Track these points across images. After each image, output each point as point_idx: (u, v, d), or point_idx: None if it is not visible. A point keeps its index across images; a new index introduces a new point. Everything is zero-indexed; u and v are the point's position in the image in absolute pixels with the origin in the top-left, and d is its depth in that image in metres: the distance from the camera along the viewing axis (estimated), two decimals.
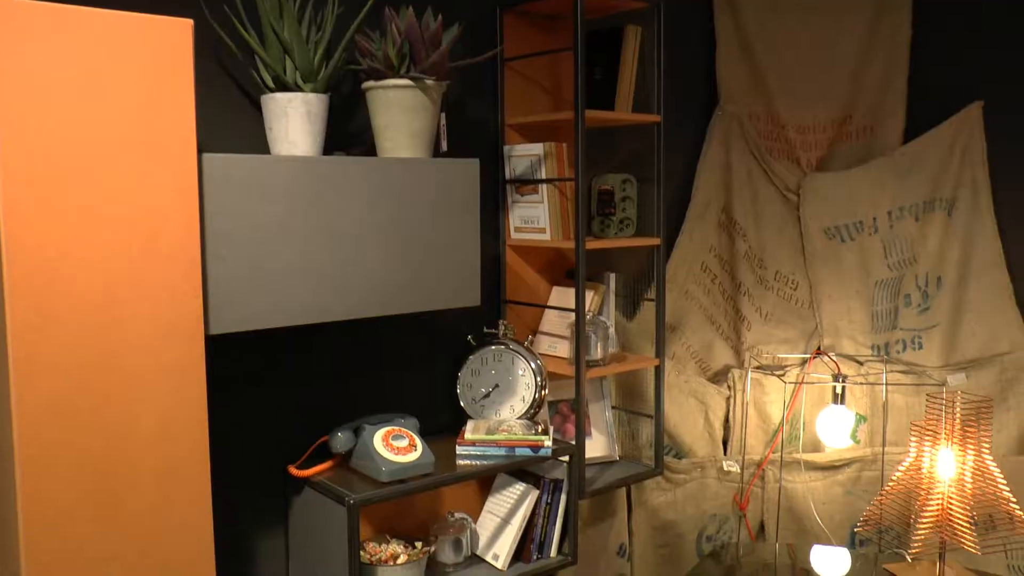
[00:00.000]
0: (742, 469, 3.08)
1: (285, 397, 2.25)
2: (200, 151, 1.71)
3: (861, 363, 3.12)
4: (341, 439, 2.22)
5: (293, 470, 2.21)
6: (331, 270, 1.95)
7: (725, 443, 3.16)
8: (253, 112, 2.09)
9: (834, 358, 3.06)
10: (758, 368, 3.11)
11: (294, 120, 1.96)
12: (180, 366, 1.69)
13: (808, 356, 3.12)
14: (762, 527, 3.13)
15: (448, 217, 2.12)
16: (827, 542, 2.80)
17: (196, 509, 1.73)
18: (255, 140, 2.07)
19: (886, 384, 3.03)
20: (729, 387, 3.13)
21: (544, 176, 2.48)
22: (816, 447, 3.10)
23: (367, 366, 2.39)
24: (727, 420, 3.15)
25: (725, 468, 3.09)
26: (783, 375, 3.05)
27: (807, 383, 3.06)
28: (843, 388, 2.91)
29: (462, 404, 2.50)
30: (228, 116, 2.08)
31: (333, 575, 2.12)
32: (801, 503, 3.07)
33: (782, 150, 3.25)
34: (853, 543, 3.07)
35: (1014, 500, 2.40)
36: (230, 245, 1.80)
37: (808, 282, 3.20)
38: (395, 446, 2.18)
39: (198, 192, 1.70)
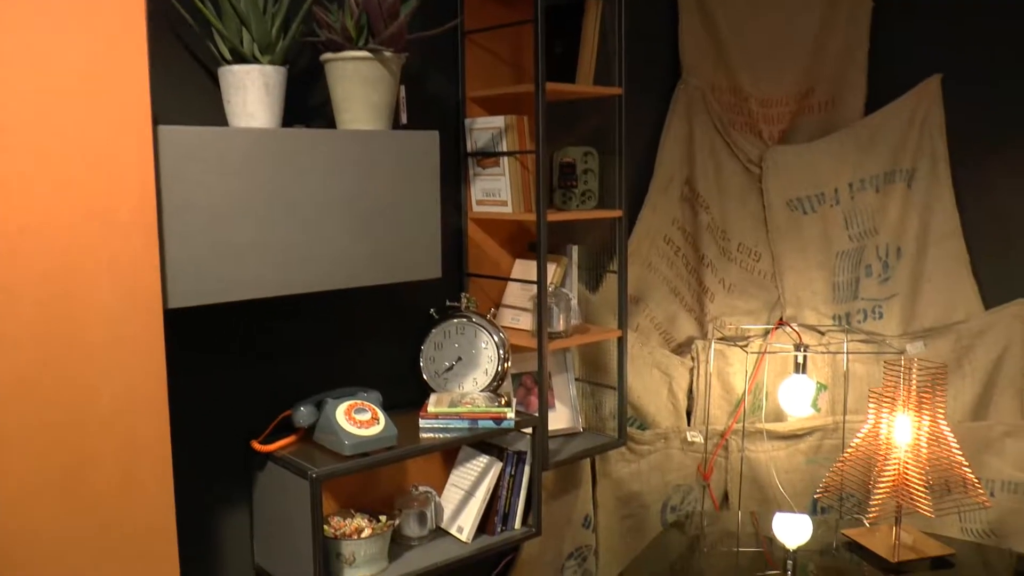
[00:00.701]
0: (706, 439, 3.11)
1: (248, 371, 2.25)
2: (157, 124, 1.69)
3: (823, 333, 3.16)
4: (304, 413, 2.22)
5: (256, 445, 2.21)
6: (291, 243, 1.94)
7: (689, 414, 3.19)
8: (211, 85, 2.07)
9: (796, 328, 3.10)
10: (721, 339, 3.14)
11: (252, 92, 1.95)
12: (139, 340, 1.68)
13: (771, 327, 3.16)
14: (726, 497, 3.17)
15: (408, 189, 2.12)
16: (789, 510, 2.84)
17: (157, 484, 1.73)
18: (213, 113, 2.05)
19: (847, 353, 3.07)
20: (692, 358, 3.16)
21: (505, 149, 2.48)
22: (779, 417, 3.14)
23: (330, 340, 2.39)
24: (691, 391, 3.18)
25: (689, 439, 3.12)
26: (746, 346, 3.08)
27: (769, 353, 3.09)
28: (804, 357, 2.94)
29: (425, 377, 2.51)
30: (185, 89, 2.06)
31: (297, 549, 2.13)
32: (764, 472, 3.12)
33: (745, 123, 3.27)
34: (815, 510, 3.12)
35: (967, 464, 2.45)
36: (188, 218, 1.79)
37: (771, 253, 3.23)
38: (358, 419, 2.18)
39: (154, 165, 1.69)
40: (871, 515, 2.46)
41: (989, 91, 3.09)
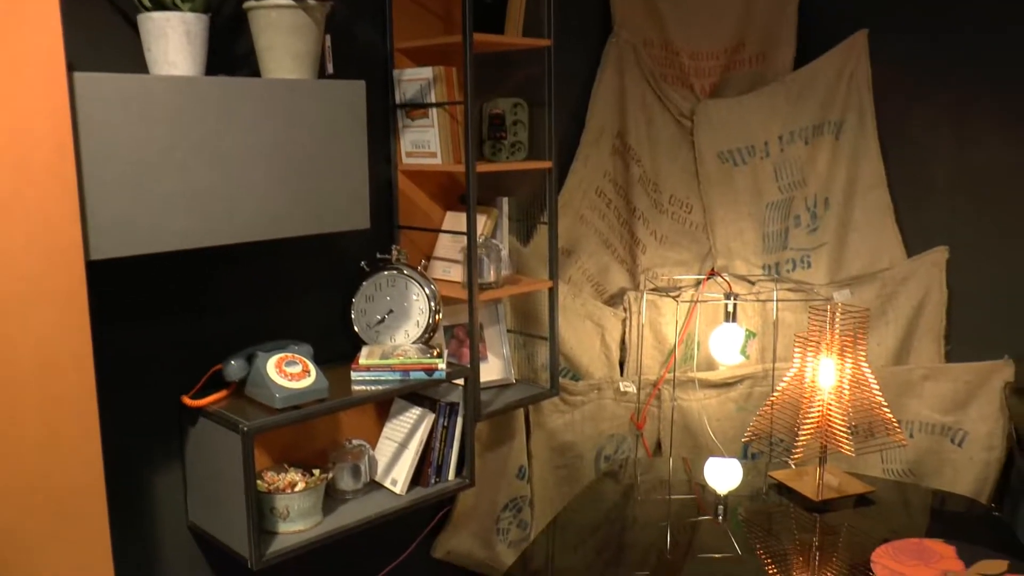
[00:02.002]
0: (638, 389, 3.16)
1: (177, 325, 2.22)
2: (72, 71, 1.66)
3: (753, 283, 3.21)
4: (234, 367, 2.20)
5: (187, 400, 2.19)
6: (216, 193, 1.92)
7: (622, 364, 3.23)
8: (131, 33, 2.02)
9: (727, 278, 3.15)
10: (653, 290, 3.18)
11: (173, 41, 1.91)
12: (61, 293, 1.65)
13: (702, 277, 3.20)
14: (659, 445, 3.23)
15: (335, 139, 2.10)
16: (721, 457, 2.90)
17: (84, 441, 1.71)
18: (134, 62, 2.01)
19: (776, 301, 3.13)
20: (625, 309, 3.20)
21: (434, 100, 2.47)
22: (710, 366, 3.19)
23: (261, 294, 2.37)
24: (623, 342, 3.22)
25: (622, 389, 3.16)
26: (678, 296, 3.12)
27: (701, 302, 3.14)
28: (735, 306, 2.99)
29: (357, 330, 2.50)
30: (104, 37, 2.01)
31: (231, 505, 2.12)
32: (696, 420, 3.17)
33: (676, 77, 3.28)
34: (746, 456, 3.19)
35: (886, 405, 2.51)
36: (109, 167, 1.76)
37: (702, 205, 3.26)
38: (288, 372, 2.18)
39: (70, 113, 1.65)
40: (796, 456, 2.52)
41: (913, 46, 3.14)
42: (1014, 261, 3.02)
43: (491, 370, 2.76)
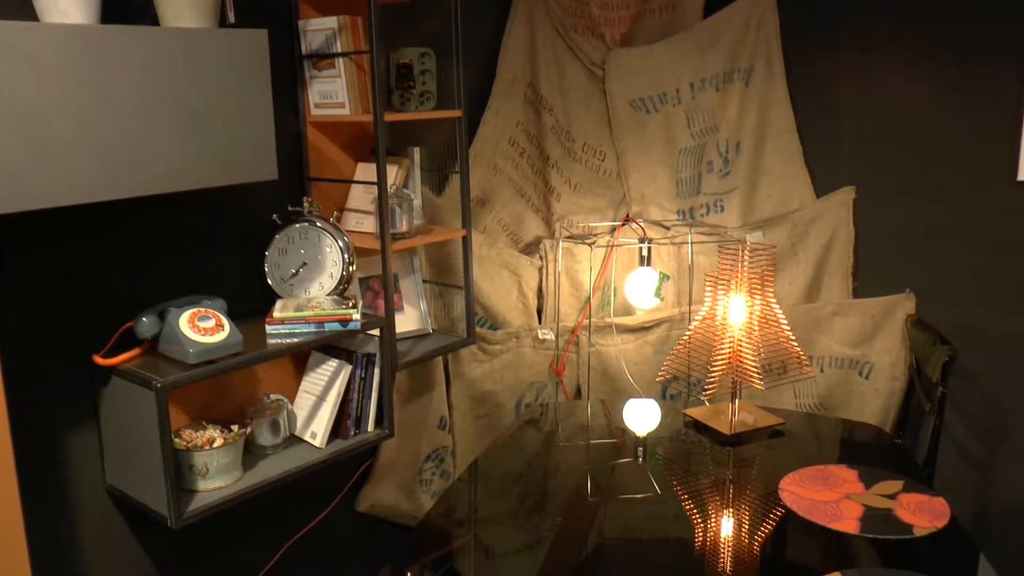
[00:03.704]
0: (556, 336, 3.19)
1: (85, 284, 2.17)
2: None
3: (668, 228, 3.26)
4: (146, 324, 2.17)
5: (98, 359, 2.15)
6: (115, 145, 1.87)
7: (539, 312, 3.26)
8: None
9: (642, 224, 3.18)
10: (569, 238, 3.20)
11: None
12: None
13: (617, 224, 3.23)
14: (579, 391, 3.27)
15: (238, 89, 2.07)
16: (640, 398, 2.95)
17: None
18: (21, 9, 1.94)
19: (691, 243, 3.18)
20: (541, 257, 3.22)
21: (340, 50, 2.44)
22: (628, 311, 3.23)
23: (172, 249, 2.33)
24: (540, 290, 3.25)
25: (540, 336, 3.19)
26: (593, 243, 3.15)
27: (616, 246, 3.18)
28: (649, 250, 3.03)
29: (271, 284, 2.48)
30: None
31: (148, 464, 2.10)
32: (614, 365, 3.22)
33: (586, 26, 3.29)
34: (664, 397, 3.25)
35: (795, 340, 2.58)
36: None
37: (615, 153, 3.29)
38: (201, 327, 2.15)
39: None
40: (708, 393, 2.58)
41: None
42: (915, 200, 3.11)
43: (408, 321, 2.76)
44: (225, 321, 2.20)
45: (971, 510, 3.08)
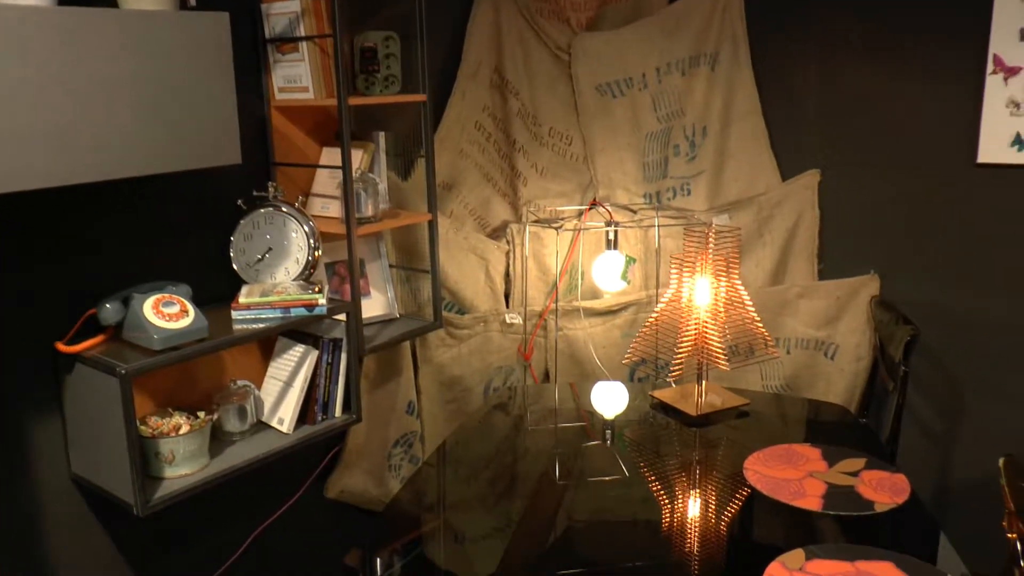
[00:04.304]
0: (524, 321, 3.19)
1: (47, 270, 2.14)
2: None
3: (635, 212, 3.27)
4: (110, 310, 2.15)
5: (61, 347, 2.13)
6: (77, 129, 1.84)
7: (507, 296, 3.26)
8: None
9: (609, 208, 3.19)
10: (536, 222, 3.21)
11: None
12: None
13: (584, 208, 3.24)
14: (547, 376, 3.28)
15: (200, 73, 2.05)
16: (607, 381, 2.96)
17: None
18: None
19: (657, 227, 3.19)
20: (508, 242, 3.22)
21: (303, 34, 2.43)
22: (595, 295, 3.25)
23: (136, 235, 2.31)
24: (507, 274, 3.25)
25: (508, 321, 3.20)
26: (560, 227, 3.16)
27: (583, 229, 3.18)
28: (615, 233, 3.03)
29: (236, 269, 2.46)
30: None
31: (114, 452, 2.08)
32: (582, 348, 3.23)
33: (552, 10, 3.29)
34: (632, 379, 3.27)
35: (760, 321, 2.61)
36: None
37: (582, 137, 3.29)
38: (166, 313, 2.14)
39: None
40: (674, 374, 2.60)
41: None
42: (879, 183, 3.14)
43: (374, 305, 2.76)
44: (190, 307, 2.18)
45: (933, 486, 3.13)
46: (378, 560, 2.07)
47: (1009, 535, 1.88)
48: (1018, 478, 1.95)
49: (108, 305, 2.15)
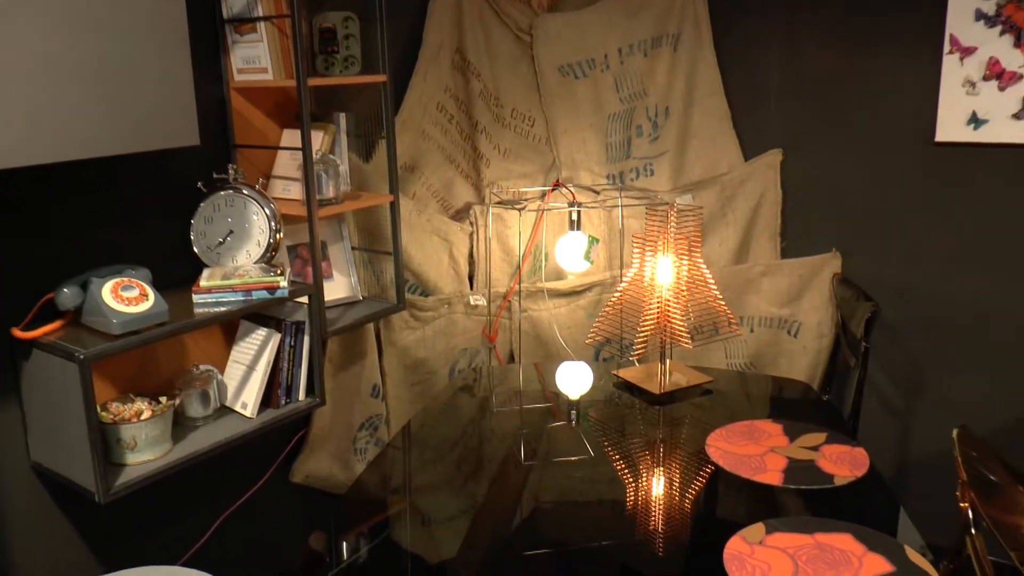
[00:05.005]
0: (488, 302, 3.19)
1: (2, 254, 2.10)
2: None
3: (598, 192, 3.27)
4: (68, 295, 2.12)
5: (17, 332, 2.09)
6: (24, 109, 1.79)
7: (471, 278, 3.26)
8: None
9: (572, 189, 3.19)
10: (499, 203, 3.20)
11: None
12: None
13: (547, 189, 3.24)
14: (512, 357, 3.28)
15: (155, 53, 2.01)
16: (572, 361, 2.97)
17: None
18: None
19: (621, 207, 3.20)
20: (471, 223, 3.21)
21: (261, 14, 2.40)
22: (559, 276, 3.25)
23: (94, 218, 2.28)
24: (471, 256, 3.24)
25: (472, 302, 3.19)
26: (523, 208, 3.15)
27: (547, 210, 3.18)
28: (579, 214, 3.03)
29: (197, 252, 2.44)
30: None
31: (74, 439, 2.06)
32: (547, 329, 3.24)
33: None
34: (597, 360, 3.28)
35: (722, 299, 2.62)
36: None
37: (544, 118, 3.29)
38: (125, 297, 2.11)
39: None
40: (637, 352, 2.61)
41: None
42: (839, 161, 3.17)
43: (337, 288, 2.75)
44: (150, 291, 2.16)
45: (894, 459, 3.17)
46: (344, 544, 2.06)
47: (962, 504, 1.91)
48: (970, 448, 1.98)
49: (66, 290, 2.12)
